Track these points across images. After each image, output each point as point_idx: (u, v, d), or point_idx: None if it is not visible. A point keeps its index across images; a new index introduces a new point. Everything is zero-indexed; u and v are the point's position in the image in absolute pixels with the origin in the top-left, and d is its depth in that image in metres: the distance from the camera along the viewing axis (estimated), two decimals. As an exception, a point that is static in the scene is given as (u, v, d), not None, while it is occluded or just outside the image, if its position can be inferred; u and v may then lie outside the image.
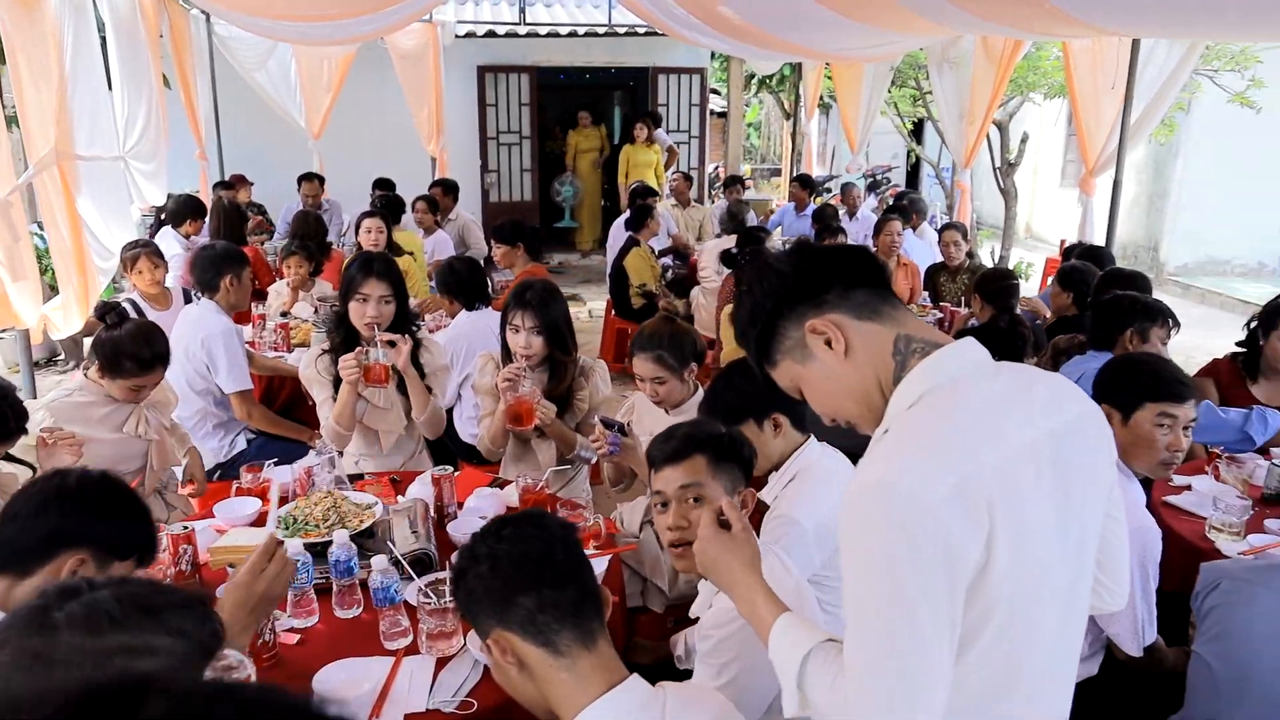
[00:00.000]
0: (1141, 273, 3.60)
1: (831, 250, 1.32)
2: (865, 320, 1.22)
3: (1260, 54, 8.02)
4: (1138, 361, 2.39)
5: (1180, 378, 2.29)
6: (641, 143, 10.45)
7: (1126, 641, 2.14)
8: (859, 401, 1.24)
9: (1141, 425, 2.25)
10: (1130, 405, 2.27)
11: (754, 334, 1.28)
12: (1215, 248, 10.87)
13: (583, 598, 1.41)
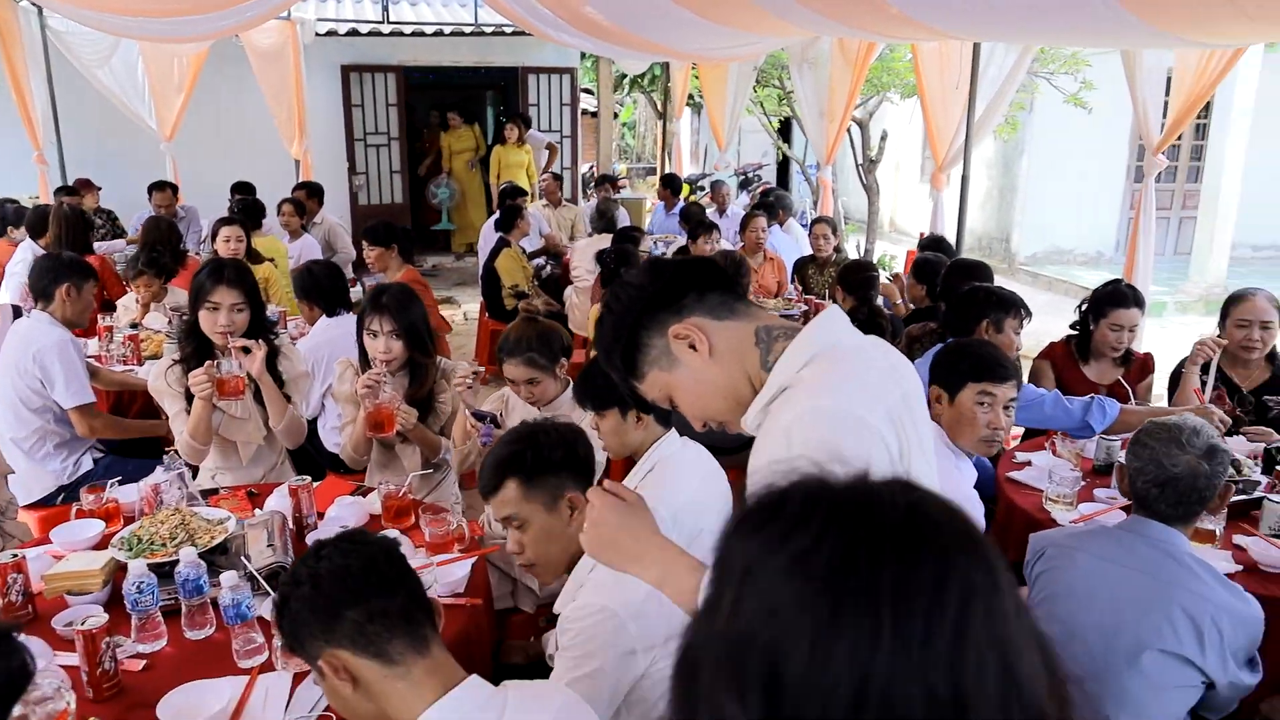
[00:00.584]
0: (983, 262, 3.82)
1: (681, 262, 1.38)
2: (724, 319, 1.29)
3: (1090, 59, 8.60)
4: (963, 346, 2.56)
5: (1001, 361, 2.45)
6: (512, 143, 10.37)
7: None
8: (728, 398, 1.29)
9: (964, 404, 2.42)
10: (955, 386, 2.44)
11: (618, 350, 1.31)
12: (1059, 238, 11.58)
13: (412, 604, 1.40)
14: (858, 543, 0.62)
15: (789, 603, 0.61)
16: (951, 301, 3.50)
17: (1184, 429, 1.97)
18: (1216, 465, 1.92)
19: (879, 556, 0.61)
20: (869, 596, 0.60)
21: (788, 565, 0.63)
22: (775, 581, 0.63)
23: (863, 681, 0.58)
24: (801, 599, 0.61)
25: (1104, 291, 3.61)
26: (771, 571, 0.63)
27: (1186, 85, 4.44)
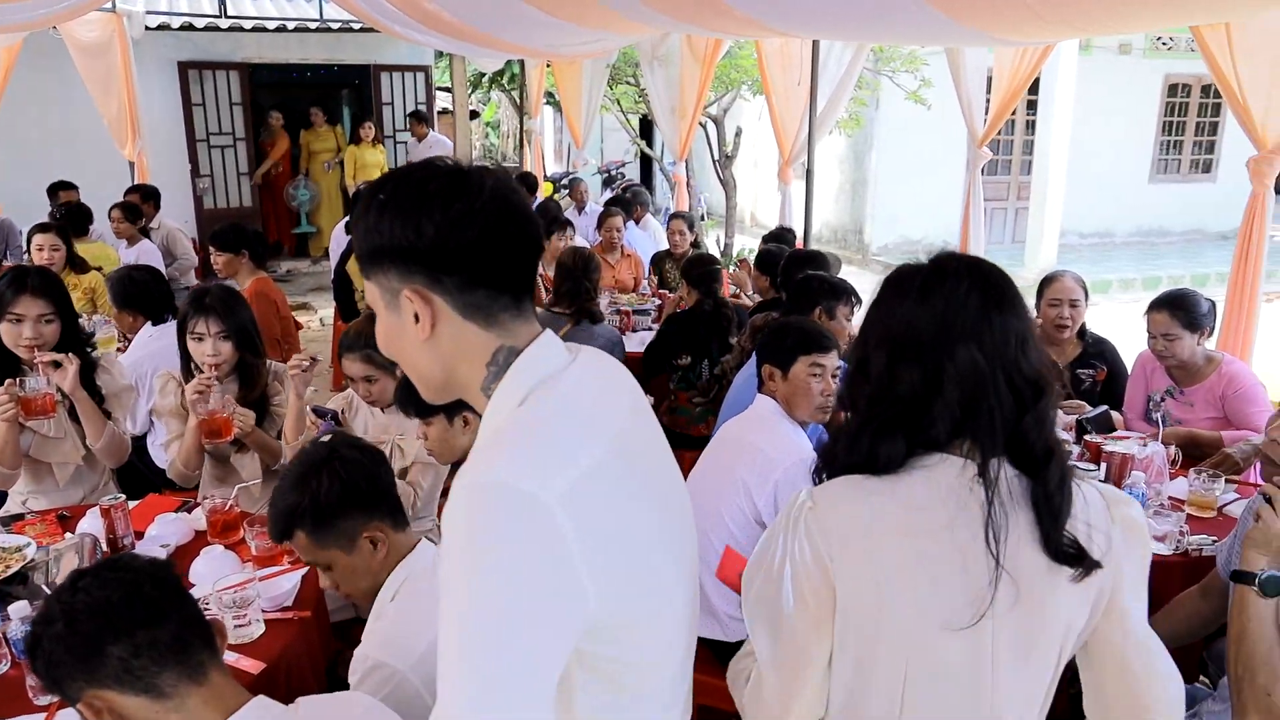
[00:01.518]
0: (820, 252, 3.96)
1: (491, 234, 1.04)
2: (470, 320, 1.06)
3: (927, 58, 9.04)
4: (785, 324, 2.72)
5: (824, 332, 2.64)
6: (368, 143, 10.10)
7: None
8: (420, 378, 1.12)
9: (798, 377, 2.54)
10: (787, 361, 2.56)
11: (362, 244, 1.07)
12: (909, 229, 12.13)
13: (185, 631, 1.32)
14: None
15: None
16: (788, 290, 3.61)
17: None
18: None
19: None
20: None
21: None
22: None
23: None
24: None
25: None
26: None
27: (1004, 82, 4.72)
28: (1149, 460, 2.83)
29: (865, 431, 1.28)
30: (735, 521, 2.42)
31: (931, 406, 1.23)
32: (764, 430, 2.53)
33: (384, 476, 1.83)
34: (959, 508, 1.22)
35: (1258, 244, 3.69)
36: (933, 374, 1.23)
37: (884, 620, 1.24)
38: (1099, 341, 3.79)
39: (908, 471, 1.25)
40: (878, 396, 1.27)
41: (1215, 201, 13.30)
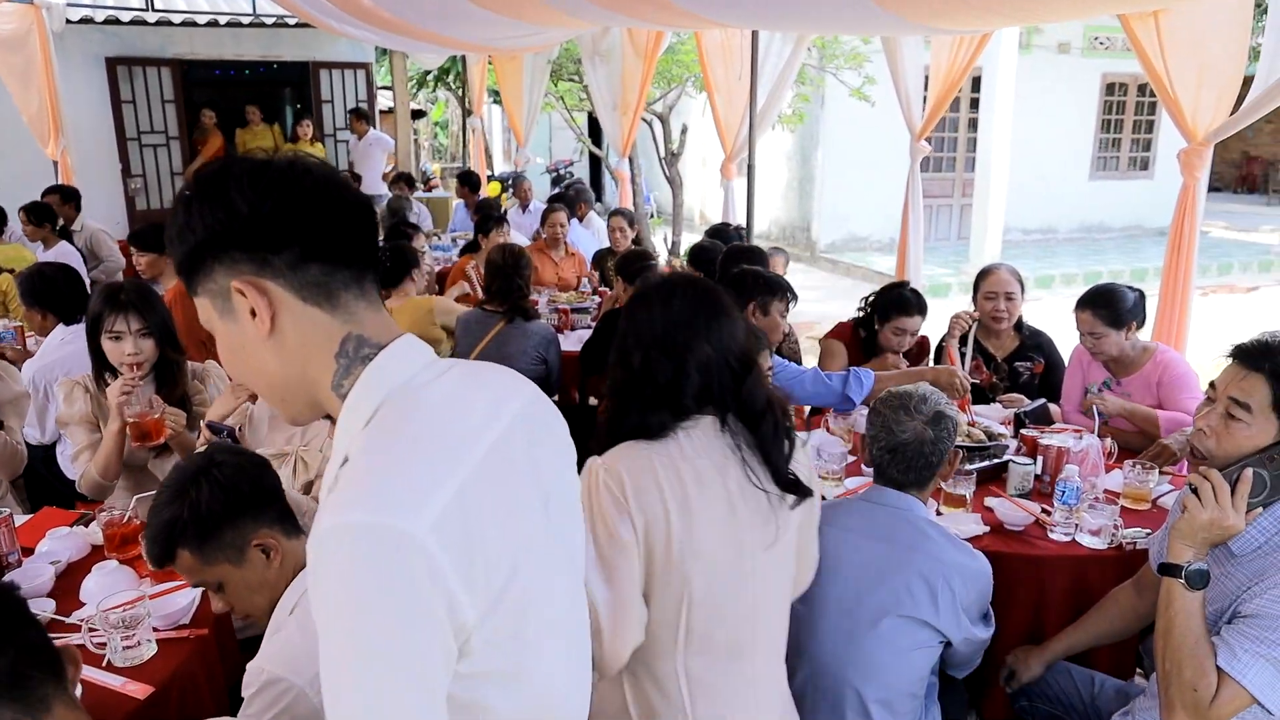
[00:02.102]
0: (757, 247, 3.88)
1: (309, 199, 0.96)
2: (310, 304, 0.96)
3: (870, 55, 9.06)
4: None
5: (756, 334, 2.47)
6: (306, 141, 9.86)
7: None
8: (275, 390, 1.02)
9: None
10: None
11: (180, 252, 0.97)
12: (856, 226, 12.18)
13: (25, 662, 1.21)
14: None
15: None
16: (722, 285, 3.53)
17: (912, 396, 2.02)
18: (940, 431, 1.98)
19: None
20: None
21: None
22: None
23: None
24: None
25: (890, 297, 3.70)
26: None
27: (940, 77, 4.70)
28: (1084, 453, 2.80)
29: (633, 409, 1.64)
30: None
31: (683, 386, 1.63)
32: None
33: (268, 479, 1.71)
34: (721, 456, 1.62)
35: (1189, 236, 3.71)
36: (680, 364, 1.63)
37: (674, 542, 1.57)
38: (1036, 334, 3.78)
39: (673, 434, 1.62)
40: (642, 382, 1.65)
41: (1153, 198, 13.56)
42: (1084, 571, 2.46)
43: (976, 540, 2.49)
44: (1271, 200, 20.48)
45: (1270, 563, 1.70)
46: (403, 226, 5.54)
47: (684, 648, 1.59)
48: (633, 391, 1.65)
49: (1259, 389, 1.73)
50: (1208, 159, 3.63)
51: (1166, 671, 1.71)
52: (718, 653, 1.60)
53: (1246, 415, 1.75)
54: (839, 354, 3.83)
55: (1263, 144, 22.91)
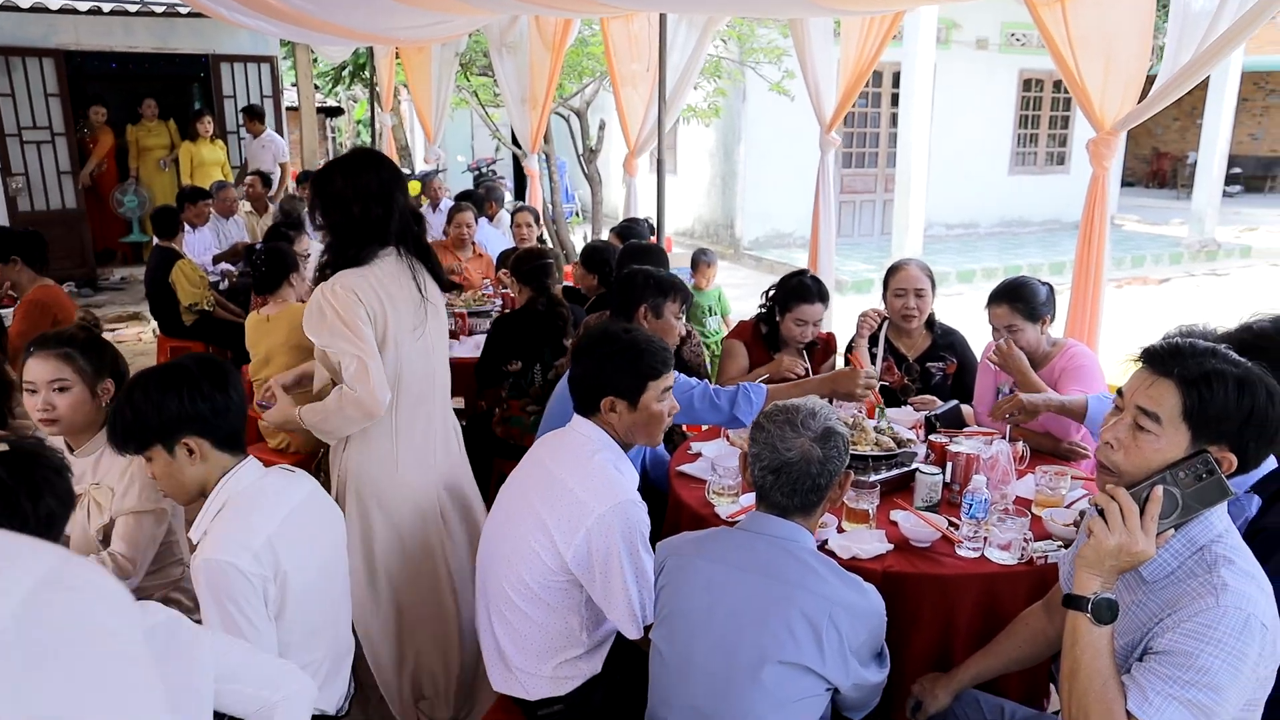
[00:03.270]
0: (656, 245, 3.65)
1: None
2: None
3: (789, 49, 8.92)
4: (634, 344, 2.20)
5: (662, 346, 2.22)
6: (205, 139, 9.36)
7: (625, 627, 2.03)
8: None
9: (650, 404, 2.17)
10: (636, 390, 2.16)
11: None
12: (779, 222, 12.08)
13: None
14: None
15: None
16: (614, 286, 3.31)
17: (800, 410, 1.81)
18: (830, 449, 1.77)
19: None
20: None
21: None
22: None
23: None
24: None
25: (789, 287, 3.53)
26: None
27: (850, 68, 4.54)
28: (994, 460, 2.64)
29: (350, 244, 2.41)
30: (533, 571, 2.04)
31: (389, 225, 2.43)
32: (578, 465, 2.12)
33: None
34: (400, 271, 2.48)
35: (1100, 225, 3.59)
36: (388, 208, 2.42)
37: (390, 326, 2.46)
38: (948, 333, 3.63)
39: (377, 260, 2.42)
40: (360, 222, 2.41)
41: (1070, 192, 13.77)
42: (994, 590, 2.29)
43: (880, 560, 2.30)
44: (1181, 194, 21.10)
45: (1183, 590, 1.52)
46: (283, 228, 5.18)
47: (397, 400, 2.49)
48: (351, 232, 2.41)
49: (1168, 397, 1.54)
50: (1116, 148, 3.52)
51: (1072, 716, 1.52)
52: (413, 400, 2.57)
53: (1155, 426, 1.55)
54: (739, 354, 3.64)
55: (1171, 140, 23.60)
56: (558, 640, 2.05)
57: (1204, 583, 1.50)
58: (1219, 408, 1.50)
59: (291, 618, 1.88)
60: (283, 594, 1.85)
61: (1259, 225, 14.95)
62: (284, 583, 1.84)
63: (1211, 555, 1.53)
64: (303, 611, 1.90)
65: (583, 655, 2.07)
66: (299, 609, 1.89)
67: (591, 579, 2.00)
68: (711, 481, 2.65)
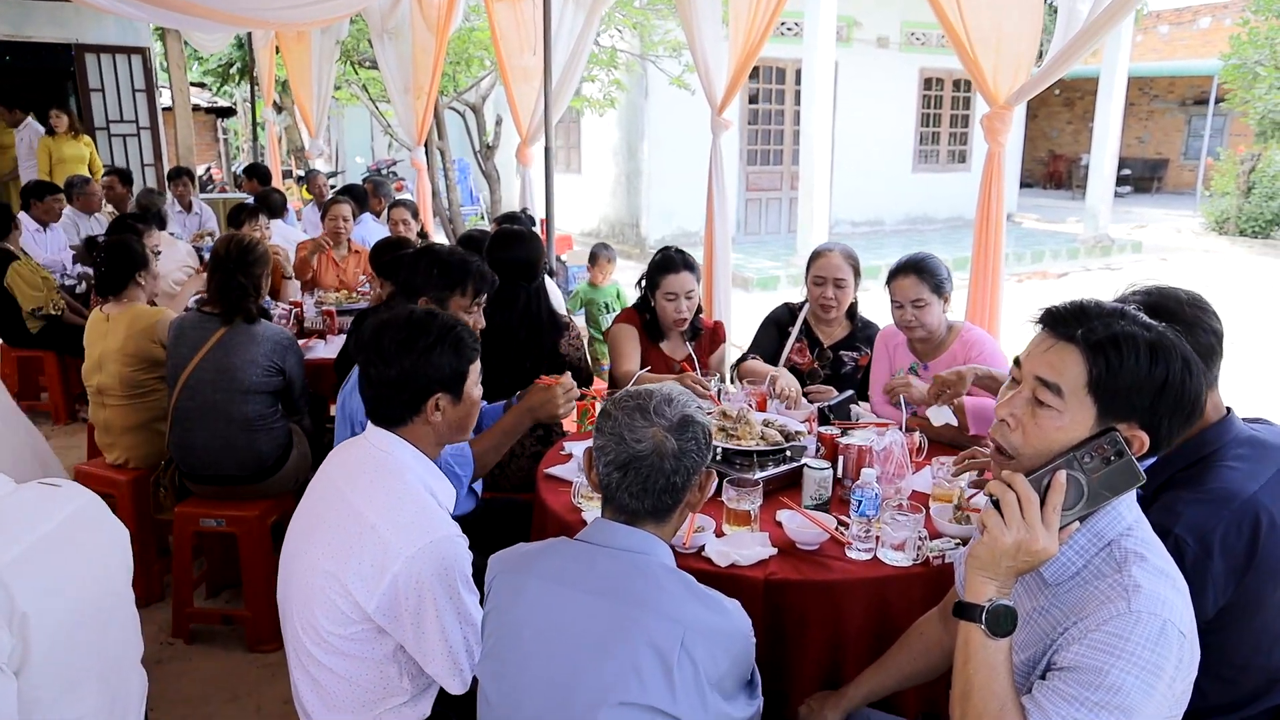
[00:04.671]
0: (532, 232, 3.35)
1: None
2: None
3: (690, 41, 8.74)
4: (443, 336, 1.90)
5: (465, 325, 1.95)
6: (64, 134, 8.67)
7: (447, 681, 1.70)
8: None
9: (471, 391, 1.89)
10: (460, 379, 1.86)
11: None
12: (685, 221, 11.91)
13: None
14: None
15: None
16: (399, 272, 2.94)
17: (654, 396, 1.53)
18: (687, 441, 1.49)
19: None
20: None
21: None
22: None
23: None
24: None
25: (654, 262, 3.36)
26: None
27: (737, 47, 4.33)
28: (888, 452, 2.42)
29: None
30: (331, 619, 1.70)
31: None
32: (382, 493, 1.74)
33: None
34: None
35: (996, 209, 3.45)
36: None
37: None
38: (868, 325, 3.46)
39: None
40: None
41: (972, 189, 13.94)
42: (887, 595, 2.05)
43: (762, 566, 2.05)
44: (1076, 194, 21.79)
45: (1091, 593, 1.30)
46: (129, 219, 4.71)
47: None
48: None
49: (1071, 365, 1.31)
50: (1009, 123, 3.38)
51: None
52: None
53: (1057, 400, 1.32)
54: (629, 336, 3.39)
55: (1065, 143, 24.43)
56: (372, 693, 1.72)
57: (1113, 584, 1.27)
58: (1129, 378, 1.28)
59: (40, 670, 1.51)
60: (24, 642, 1.49)
61: (1148, 223, 15.46)
62: (24, 628, 1.48)
63: (1121, 551, 1.31)
64: (56, 662, 1.54)
65: (408, 702, 1.75)
66: (50, 659, 1.53)
67: (402, 629, 1.66)
68: (578, 484, 2.37)
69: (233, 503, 3.28)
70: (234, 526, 3.25)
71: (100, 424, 3.60)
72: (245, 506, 3.26)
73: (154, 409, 3.52)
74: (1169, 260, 12.24)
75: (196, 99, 18.06)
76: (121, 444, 3.57)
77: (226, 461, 3.20)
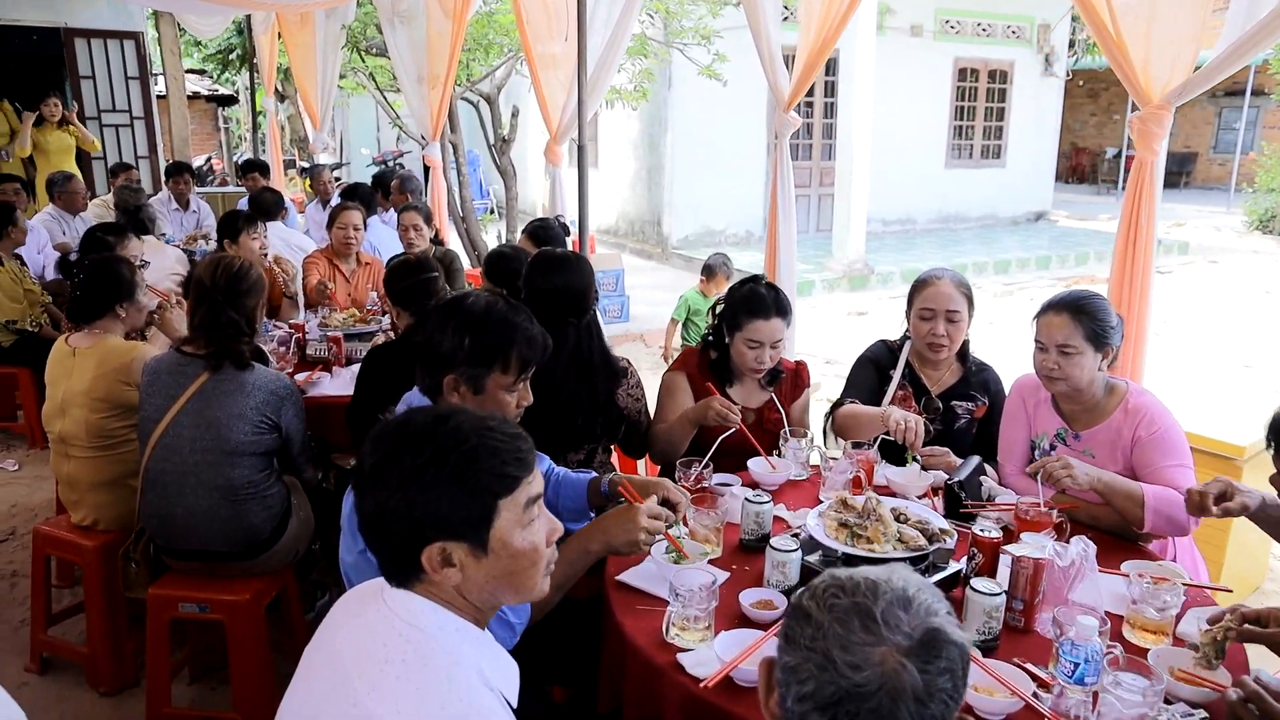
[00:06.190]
0: (579, 256, 2.75)
1: None
2: None
3: (720, 30, 8.12)
4: (441, 460, 1.32)
5: (510, 434, 1.35)
6: (53, 125, 8.08)
7: None
8: None
9: (510, 538, 1.26)
10: (474, 528, 1.24)
11: None
12: (710, 219, 11.29)
13: None
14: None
15: None
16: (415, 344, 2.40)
17: (880, 591, 0.95)
18: (938, 675, 0.91)
19: None
20: None
21: None
22: None
23: None
24: None
25: (737, 296, 2.72)
26: None
27: (811, 35, 3.73)
28: (1076, 567, 1.83)
29: None
30: None
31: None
32: (411, 703, 1.15)
33: None
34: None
35: (1147, 224, 2.84)
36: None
37: None
38: (983, 368, 2.86)
39: None
40: None
41: (1005, 186, 13.35)
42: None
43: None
44: (1101, 189, 21.12)
45: None
46: (99, 232, 4.09)
47: None
48: None
49: None
50: (1166, 126, 2.77)
51: None
52: None
53: None
54: (678, 390, 2.81)
55: (1089, 135, 23.71)
56: None
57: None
58: None
59: None
60: None
61: (1185, 220, 14.82)
62: None
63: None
64: None
65: None
66: None
67: None
68: (673, 611, 1.78)
69: (219, 582, 2.71)
70: (220, 612, 2.68)
71: (64, 478, 3.03)
72: (234, 588, 2.68)
73: (127, 462, 2.94)
74: (1219, 263, 11.62)
75: (196, 86, 17.46)
76: (88, 502, 2.99)
77: (211, 536, 2.62)
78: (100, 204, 7.15)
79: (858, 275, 9.61)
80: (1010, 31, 12.87)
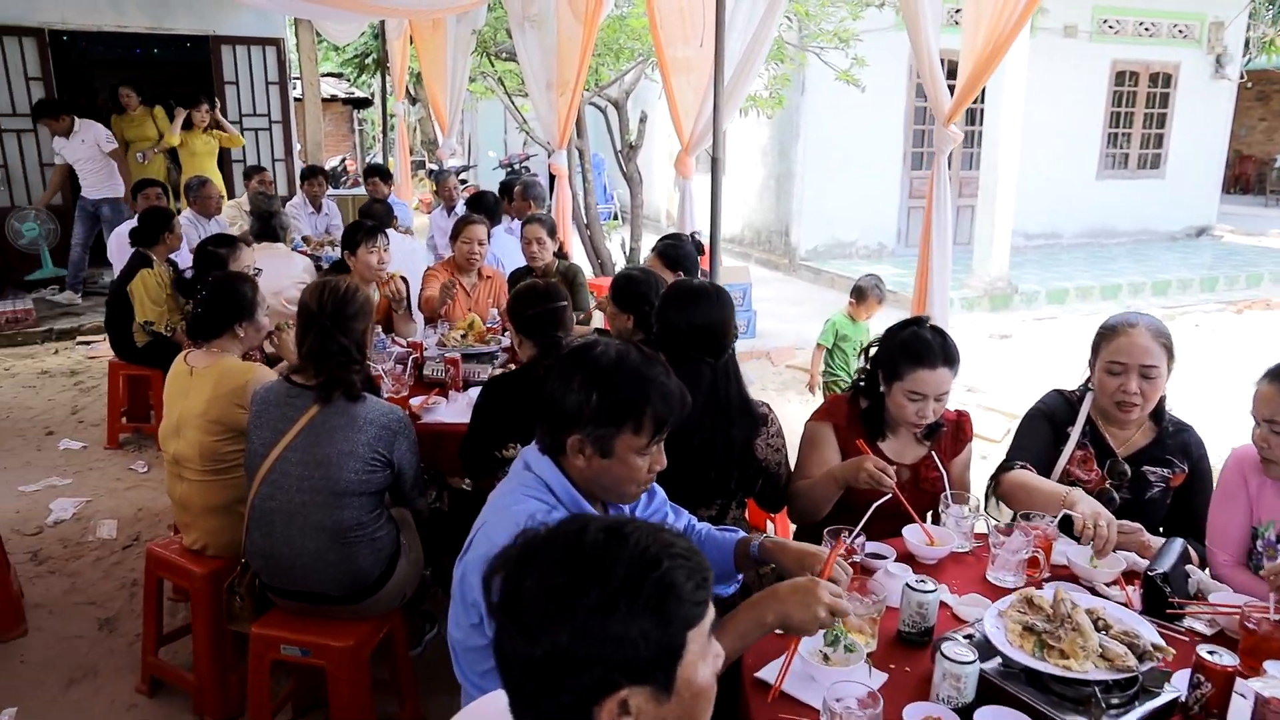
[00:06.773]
0: (719, 290, 2.47)
1: None
2: None
3: (860, 33, 7.71)
4: (623, 598, 1.09)
5: (695, 566, 1.09)
6: (200, 130, 8.34)
7: None
8: None
9: (696, 675, 1.01)
10: (663, 665, 1.00)
11: None
12: (840, 230, 10.83)
13: None
14: None
15: None
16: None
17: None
18: None
19: None
20: None
21: None
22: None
23: None
24: None
25: (897, 341, 2.38)
26: None
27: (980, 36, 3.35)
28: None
29: None
30: None
31: None
32: None
33: None
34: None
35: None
36: None
37: None
38: (1181, 429, 2.44)
39: None
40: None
41: (1164, 199, 12.35)
42: None
43: None
44: (1270, 201, 19.46)
45: None
46: (210, 246, 4.05)
47: None
48: None
49: None
50: None
51: None
52: None
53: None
54: (823, 443, 2.49)
55: (1256, 142, 21.90)
56: None
57: None
58: None
59: None
60: None
61: (1372, 237, 13.42)
62: None
63: None
64: None
65: None
66: None
67: None
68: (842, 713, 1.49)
69: (323, 623, 2.56)
70: (322, 657, 2.53)
71: (177, 500, 2.96)
72: (338, 632, 2.54)
73: (239, 487, 2.84)
74: None
75: (333, 89, 18.06)
76: (200, 526, 2.91)
77: (316, 578, 2.48)
78: (233, 206, 7.32)
79: (1000, 294, 9.00)
80: (1177, 30, 11.89)
